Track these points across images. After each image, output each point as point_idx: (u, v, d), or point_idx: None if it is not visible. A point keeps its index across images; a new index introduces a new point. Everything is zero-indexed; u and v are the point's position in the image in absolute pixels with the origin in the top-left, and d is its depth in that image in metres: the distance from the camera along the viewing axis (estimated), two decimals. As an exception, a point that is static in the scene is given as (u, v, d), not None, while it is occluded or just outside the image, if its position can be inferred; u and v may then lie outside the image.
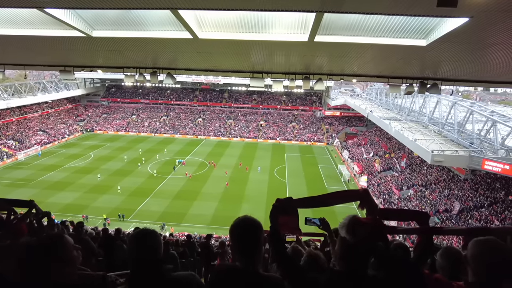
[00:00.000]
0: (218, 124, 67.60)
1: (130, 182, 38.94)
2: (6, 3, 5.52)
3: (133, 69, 11.78)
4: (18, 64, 13.03)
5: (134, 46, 8.76)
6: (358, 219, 1.91)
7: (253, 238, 1.84)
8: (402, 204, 32.33)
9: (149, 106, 73.31)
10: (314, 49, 7.83)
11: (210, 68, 11.67)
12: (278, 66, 10.42)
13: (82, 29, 7.05)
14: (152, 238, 2.07)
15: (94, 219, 29.49)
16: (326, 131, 64.21)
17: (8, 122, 55.50)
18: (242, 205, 33.43)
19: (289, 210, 2.25)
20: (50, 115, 64.45)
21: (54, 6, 5.68)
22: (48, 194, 34.98)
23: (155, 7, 5.37)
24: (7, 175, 41.18)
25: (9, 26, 7.64)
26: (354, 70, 10.75)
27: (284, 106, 71.48)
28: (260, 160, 48.75)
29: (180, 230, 26.98)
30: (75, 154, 50.17)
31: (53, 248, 1.89)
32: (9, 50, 10.25)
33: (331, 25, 6.52)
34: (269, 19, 6.63)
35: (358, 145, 54.22)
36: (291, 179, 41.19)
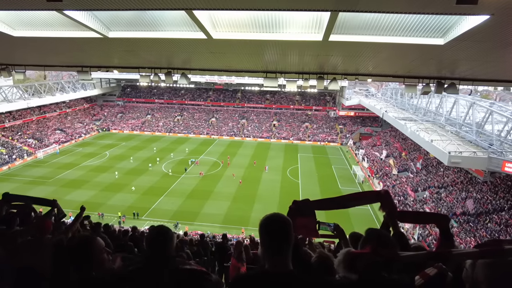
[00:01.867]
0: (231, 124, 67.83)
1: (144, 181, 39.50)
2: (28, 6, 5.67)
3: (148, 69, 11.94)
4: (38, 65, 13.38)
5: (149, 46, 8.87)
6: (354, 253, 1.82)
7: (284, 235, 1.79)
8: (418, 206, 31.72)
9: (164, 106, 74.17)
10: (328, 49, 7.76)
11: (223, 68, 11.71)
12: (292, 66, 10.38)
13: (98, 30, 7.18)
14: (165, 235, 2.12)
15: (109, 217, 30.05)
16: (340, 131, 63.57)
17: (29, 122, 57.09)
18: (254, 205, 33.45)
19: (306, 212, 2.21)
20: (68, 115, 66.00)
21: (72, 8, 5.80)
22: (65, 192, 35.83)
23: (170, 7, 5.42)
24: (27, 173, 42.41)
25: (30, 28, 7.85)
26: (369, 70, 10.61)
27: (297, 106, 71.15)
28: (272, 160, 48.67)
29: (193, 229, 27.19)
30: (91, 153, 51.22)
31: (84, 249, 1.96)
32: (30, 51, 10.54)
33: (346, 24, 6.45)
34: (283, 19, 6.60)
35: (373, 145, 53.50)
36: (304, 180, 40.96)
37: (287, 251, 1.78)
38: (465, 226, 26.06)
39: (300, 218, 2.18)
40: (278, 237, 1.78)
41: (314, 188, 38.24)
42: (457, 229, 25.79)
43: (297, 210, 2.20)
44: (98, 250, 2.03)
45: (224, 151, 53.59)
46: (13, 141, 50.53)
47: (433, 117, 41.31)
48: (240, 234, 26.03)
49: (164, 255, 2.06)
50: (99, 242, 2.06)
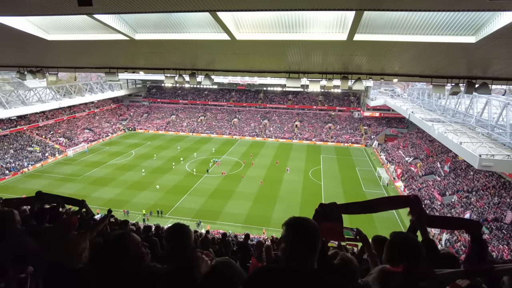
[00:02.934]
0: (253, 124, 68.01)
1: (168, 180, 40.30)
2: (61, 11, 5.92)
3: (173, 70, 12.17)
4: (70, 67, 13.98)
5: (174, 48, 9.04)
6: (388, 271, 1.76)
7: (312, 238, 1.76)
8: (445, 211, 30.56)
9: (188, 107, 75.42)
10: (353, 48, 7.63)
11: (246, 69, 11.77)
12: (315, 66, 10.27)
13: (126, 33, 7.40)
14: (181, 232, 2.19)
15: (134, 214, 30.88)
16: (365, 133, 62.29)
17: (60, 121, 59.67)
18: (276, 206, 33.37)
19: (332, 216, 2.17)
20: (96, 114, 68.43)
21: (102, 12, 6.01)
22: (93, 189, 37.14)
23: (195, 9, 5.50)
24: (58, 170, 44.33)
25: (62, 32, 8.21)
26: (395, 70, 10.33)
27: (320, 106, 70.36)
28: (294, 161, 48.38)
29: (215, 228, 27.48)
30: (118, 152, 52.84)
31: (120, 245, 2.02)
32: (62, 54, 11.01)
33: (371, 23, 6.32)
34: (306, 19, 6.55)
35: (398, 147, 52.07)
36: (326, 181, 40.45)
37: (313, 255, 1.76)
38: (498, 233, 24.85)
39: (326, 222, 2.14)
40: (306, 242, 1.76)
41: (337, 190, 37.68)
42: (488, 236, 24.63)
43: (323, 214, 2.17)
44: (135, 244, 2.08)
45: (246, 151, 53.83)
46: (46, 140, 52.97)
47: (462, 119, 39.69)
48: (261, 235, 26.04)
49: (183, 251, 2.12)
50: (135, 237, 2.12)
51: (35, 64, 13.14)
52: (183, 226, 2.27)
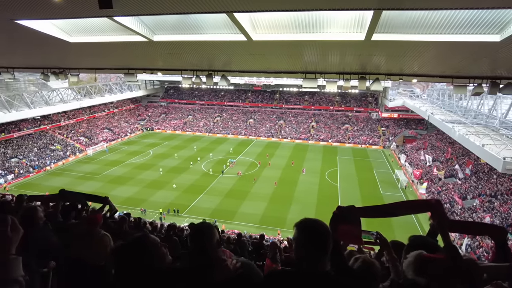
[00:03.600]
0: (269, 125, 67.96)
1: (185, 179, 40.78)
2: (83, 14, 6.09)
3: (190, 71, 12.32)
4: (90, 68, 14.36)
5: (191, 49, 9.15)
6: (427, 257, 1.71)
7: (323, 240, 1.78)
8: (466, 215, 29.66)
9: (204, 107, 76.13)
10: (371, 49, 7.52)
11: (262, 69, 11.79)
12: (332, 66, 10.18)
13: (144, 34, 7.54)
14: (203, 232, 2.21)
15: (151, 213, 31.39)
16: (383, 134, 61.23)
17: (80, 121, 61.33)
18: (291, 207, 33.22)
19: (350, 219, 2.14)
20: (115, 115, 69.98)
21: (122, 14, 6.15)
22: (111, 187, 37.98)
23: (212, 10, 5.55)
24: (78, 168, 45.59)
25: (84, 34, 8.45)
26: (415, 70, 10.12)
27: (337, 107, 69.58)
28: (310, 162, 48.04)
29: (230, 228, 27.60)
30: (136, 151, 53.86)
31: (140, 246, 2.06)
32: (83, 55, 11.32)
33: (390, 23, 6.21)
34: (324, 19, 6.50)
35: (417, 149, 50.91)
36: (343, 183, 39.96)
37: (325, 257, 1.77)
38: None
39: (343, 225, 2.12)
40: (316, 244, 1.77)
41: (354, 192, 37.18)
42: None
43: (341, 216, 2.14)
44: (154, 245, 2.12)
45: (262, 152, 53.84)
46: (67, 139, 54.56)
47: (485, 120, 38.45)
48: (276, 236, 25.98)
49: (205, 250, 2.14)
50: (152, 238, 2.16)
51: (58, 66, 13.58)
52: (207, 226, 2.28)
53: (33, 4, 5.53)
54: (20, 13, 6.22)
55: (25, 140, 49.18)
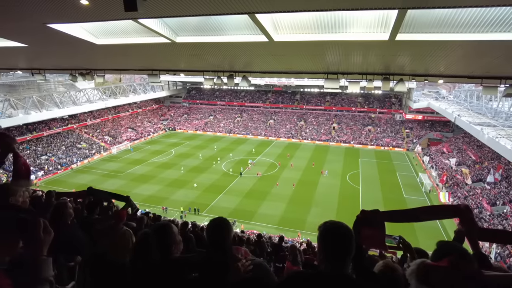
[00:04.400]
0: (289, 125, 67.66)
1: (205, 178, 41.25)
2: (109, 17, 6.30)
3: (212, 72, 12.46)
4: (116, 69, 14.79)
5: (213, 50, 9.25)
6: (429, 265, 1.66)
7: (345, 244, 1.76)
8: (495, 222, 28.41)
9: (225, 108, 76.75)
10: (395, 49, 7.35)
11: (284, 70, 11.76)
12: (355, 67, 10.03)
13: (167, 36, 7.69)
14: (221, 227, 2.28)
15: (172, 211, 31.95)
16: (407, 136, 59.63)
17: (105, 120, 63.28)
18: (311, 209, 32.92)
19: (374, 223, 2.10)
20: (138, 114, 71.74)
21: (146, 16, 6.31)
22: (134, 185, 38.92)
23: (234, 12, 5.59)
24: (103, 166, 47.03)
25: (110, 36, 8.72)
26: (441, 70, 9.80)
27: (359, 108, 68.38)
28: (331, 164, 47.43)
29: (249, 228, 27.67)
30: (158, 150, 54.97)
31: (165, 233, 2.34)
32: (109, 57, 11.68)
33: (415, 22, 6.05)
34: (347, 19, 6.42)
35: (443, 152, 49.26)
36: (365, 186, 39.21)
37: (347, 260, 1.75)
38: (556, 248, 22.65)
39: (367, 229, 2.08)
40: (339, 247, 1.75)
41: (376, 195, 36.40)
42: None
43: (364, 220, 2.11)
44: (175, 234, 2.31)
45: (281, 152, 53.68)
46: (93, 138, 56.41)
47: (517, 122, 36.77)
48: (295, 237, 25.83)
49: (222, 245, 2.20)
50: (174, 227, 2.34)
51: (85, 67, 14.07)
52: (223, 221, 2.36)
53: (63, 8, 5.77)
54: (52, 17, 6.50)
55: (54, 139, 51.23)
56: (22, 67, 17.12)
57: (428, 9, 5.30)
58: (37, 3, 5.53)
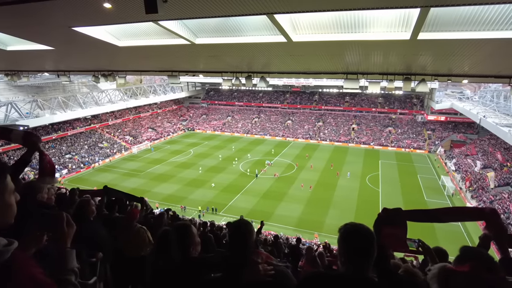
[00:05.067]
0: (307, 126, 67.17)
1: (223, 178, 41.51)
2: (131, 19, 6.45)
3: (230, 73, 12.55)
4: (137, 70, 15.11)
5: (232, 51, 9.32)
6: (451, 270, 1.60)
7: (366, 247, 1.73)
8: (524, 227, 27.23)
9: (243, 108, 77.04)
10: (417, 48, 7.18)
11: (302, 70, 11.69)
12: (375, 67, 9.86)
13: (187, 37, 7.80)
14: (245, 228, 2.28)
15: (190, 210, 32.33)
16: (428, 138, 58.06)
17: (126, 120, 64.79)
18: (329, 211, 32.56)
19: (396, 221, 2.06)
20: (158, 115, 73.07)
21: (166, 18, 6.42)
22: (153, 184, 39.62)
23: (253, 13, 5.61)
24: (124, 166, 48.14)
25: (131, 38, 8.92)
26: (465, 70, 9.49)
27: (380, 109, 67.09)
28: (350, 166, 46.72)
29: (266, 229, 27.60)
30: (177, 150, 55.77)
31: (185, 233, 2.39)
32: (130, 58, 11.96)
33: (438, 21, 5.89)
34: (367, 18, 6.32)
35: (467, 154, 47.67)
36: (385, 188, 38.43)
37: (368, 263, 1.72)
38: None
39: (388, 227, 2.03)
40: (359, 249, 1.72)
41: (396, 198, 35.60)
42: None
43: (386, 219, 2.06)
44: (195, 235, 2.35)
45: (299, 153, 53.36)
46: (114, 137, 57.87)
47: (548, 124, 35.09)
48: (313, 239, 25.61)
49: (244, 248, 2.19)
50: (193, 228, 2.38)
51: (107, 68, 14.46)
52: (245, 223, 2.32)
53: (88, 12, 5.95)
54: (77, 21, 6.72)
55: (77, 138, 52.87)
56: (49, 69, 17.79)
57: (452, 7, 5.14)
58: (64, 8, 5.74)
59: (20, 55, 11.46)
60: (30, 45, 9.66)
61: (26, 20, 6.55)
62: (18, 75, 16.08)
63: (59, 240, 1.71)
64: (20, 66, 15.55)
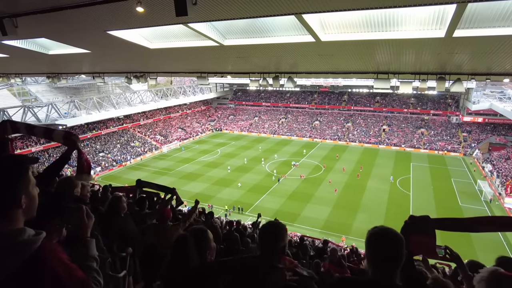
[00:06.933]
0: (336, 127, 66.06)
1: (250, 178, 41.73)
2: (162, 22, 6.64)
3: (258, 74, 12.59)
4: (167, 72, 15.53)
5: (259, 52, 9.34)
6: (506, 275, 1.51)
7: (395, 252, 1.68)
8: None
9: (270, 109, 77.04)
10: (452, 46, 6.87)
11: (330, 70, 11.52)
12: (407, 66, 9.53)
13: (216, 39, 7.91)
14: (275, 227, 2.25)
15: (217, 209, 32.75)
16: (464, 140, 55.32)
17: (157, 121, 66.73)
18: (357, 214, 31.83)
19: (424, 229, 1.98)
20: (188, 115, 74.67)
21: (196, 20, 6.55)
22: (183, 183, 40.50)
23: (281, 13, 5.60)
24: (154, 164, 49.61)
25: (162, 40, 9.18)
26: (506, 68, 8.95)
27: (412, 109, 64.73)
28: (380, 168, 45.45)
29: (292, 230, 27.44)
30: (205, 150, 56.73)
31: (201, 237, 2.39)
32: (161, 60, 12.30)
33: (476, 17, 5.60)
34: (398, 16, 6.13)
35: (507, 158, 44.96)
36: (416, 192, 37.04)
37: (397, 269, 1.67)
38: None
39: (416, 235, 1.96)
40: (387, 254, 1.68)
41: (428, 202, 34.23)
42: None
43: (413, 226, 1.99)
44: (211, 240, 2.37)
45: (327, 155, 52.60)
46: (145, 137, 59.76)
47: None
48: (340, 242, 25.14)
49: (274, 251, 2.17)
50: (209, 233, 2.39)
51: (139, 70, 14.96)
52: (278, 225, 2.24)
53: (122, 16, 6.19)
54: (111, 25, 7.01)
55: (110, 137, 55.08)
56: (85, 71, 18.68)
57: (493, 1, 4.88)
58: (99, 13, 6.00)
59: (60, 59, 12.11)
60: (69, 49, 10.19)
61: (65, 26, 6.92)
62: (58, 77, 17.01)
63: (80, 231, 1.89)
64: (60, 69, 16.43)
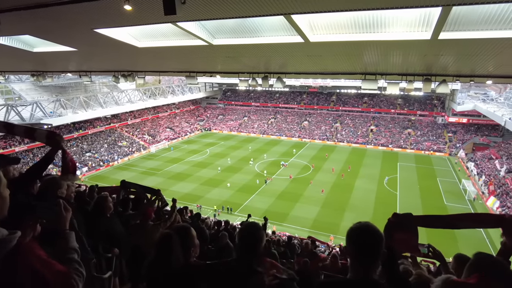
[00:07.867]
0: (324, 127, 66.56)
1: (239, 178, 41.68)
2: (150, 20, 6.57)
3: (247, 74, 12.58)
4: (155, 71, 15.38)
5: (249, 52, 9.34)
6: (456, 282, 1.54)
7: (374, 247, 1.70)
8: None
9: (259, 109, 77.10)
10: (438, 48, 7.00)
11: (319, 71, 11.61)
12: (394, 67, 9.67)
13: (205, 38, 7.87)
14: (254, 229, 2.24)
15: (206, 209, 32.60)
16: (449, 140, 56.48)
17: (145, 120, 66.03)
18: (345, 214, 32.16)
19: (407, 227, 2.02)
20: (176, 115, 74.11)
21: (184, 19, 6.50)
22: (171, 183, 40.18)
23: (270, 13, 5.61)
24: (142, 164, 49.06)
25: (151, 39, 9.08)
26: (489, 71, 9.17)
27: (399, 110, 65.73)
28: (368, 168, 46.00)
29: (281, 230, 27.53)
30: (194, 150, 56.39)
31: (185, 235, 2.35)
32: (149, 59, 12.17)
33: (460, 19, 5.72)
34: (385, 18, 6.21)
35: (490, 158, 46.08)
36: (403, 192, 37.64)
37: (375, 264, 1.69)
38: None
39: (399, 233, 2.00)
40: (366, 250, 1.70)
41: (414, 202, 34.84)
42: None
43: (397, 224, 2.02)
44: (194, 237, 2.34)
45: (315, 155, 52.95)
46: (133, 136, 59.05)
47: None
48: (328, 241, 25.33)
49: (254, 253, 2.15)
50: (193, 230, 2.37)
51: (127, 69, 14.77)
52: (256, 227, 2.23)
53: (109, 14, 6.10)
54: (99, 23, 6.90)
55: (97, 137, 54.24)
56: (72, 70, 18.34)
57: (476, 5, 4.99)
58: (86, 10, 5.90)
59: (45, 56, 11.87)
60: (55, 47, 9.99)
61: (51, 23, 6.77)
62: (43, 76, 16.63)
63: (59, 224, 1.91)
64: (45, 67, 16.09)
